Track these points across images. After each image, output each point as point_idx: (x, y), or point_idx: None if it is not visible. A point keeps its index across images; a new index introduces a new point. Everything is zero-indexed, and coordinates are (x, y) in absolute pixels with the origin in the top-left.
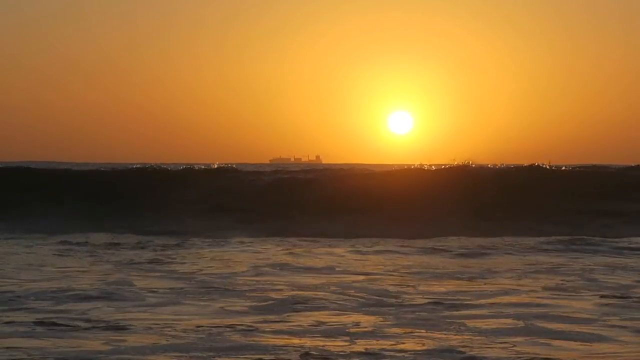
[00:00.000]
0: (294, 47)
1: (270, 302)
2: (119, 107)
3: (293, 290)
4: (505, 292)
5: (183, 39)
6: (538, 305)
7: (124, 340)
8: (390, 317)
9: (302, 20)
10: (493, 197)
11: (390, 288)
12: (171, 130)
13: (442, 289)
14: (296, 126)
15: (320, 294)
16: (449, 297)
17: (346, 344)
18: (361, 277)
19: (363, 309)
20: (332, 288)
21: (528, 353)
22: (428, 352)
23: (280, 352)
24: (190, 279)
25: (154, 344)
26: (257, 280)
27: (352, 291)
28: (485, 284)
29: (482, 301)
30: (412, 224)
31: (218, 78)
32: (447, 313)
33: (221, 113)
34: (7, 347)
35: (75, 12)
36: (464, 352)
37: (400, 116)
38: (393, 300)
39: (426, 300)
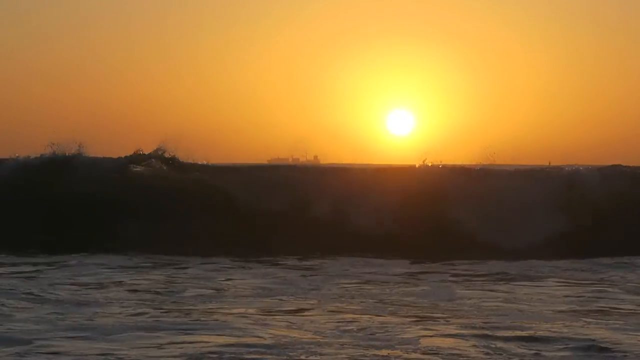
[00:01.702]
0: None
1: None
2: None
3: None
4: None
5: (181, 40)
6: None
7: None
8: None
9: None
10: None
11: None
12: (168, 130)
13: None
14: (295, 126)
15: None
16: None
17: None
18: None
19: None
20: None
21: None
22: None
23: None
24: None
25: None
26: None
27: None
28: None
29: None
30: None
31: (215, 77)
32: None
33: (219, 113)
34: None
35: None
36: None
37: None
38: None
39: None
